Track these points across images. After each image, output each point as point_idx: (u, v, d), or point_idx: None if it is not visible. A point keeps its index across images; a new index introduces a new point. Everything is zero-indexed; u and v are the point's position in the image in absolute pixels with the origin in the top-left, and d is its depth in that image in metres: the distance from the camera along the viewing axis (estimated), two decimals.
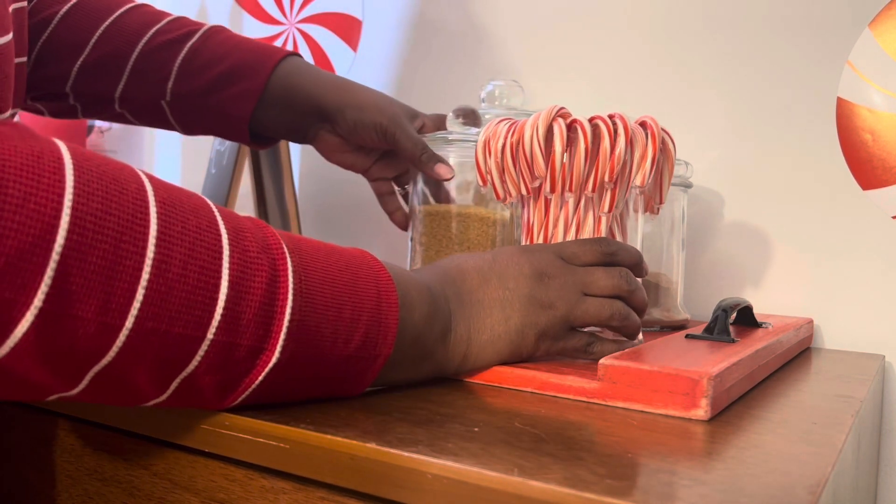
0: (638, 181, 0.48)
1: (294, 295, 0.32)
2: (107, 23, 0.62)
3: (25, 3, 0.42)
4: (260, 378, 0.32)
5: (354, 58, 1.02)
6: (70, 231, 0.25)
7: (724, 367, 0.38)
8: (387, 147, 0.64)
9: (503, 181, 0.52)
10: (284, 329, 0.31)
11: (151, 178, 0.30)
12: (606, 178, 0.48)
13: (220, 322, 0.29)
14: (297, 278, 0.32)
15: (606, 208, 0.49)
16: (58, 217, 0.25)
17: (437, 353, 0.39)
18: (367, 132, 0.62)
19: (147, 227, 0.28)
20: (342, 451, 0.30)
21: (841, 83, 0.69)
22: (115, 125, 1.03)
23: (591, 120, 0.49)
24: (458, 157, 0.64)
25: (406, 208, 0.70)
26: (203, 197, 0.32)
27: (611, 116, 0.48)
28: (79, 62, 0.62)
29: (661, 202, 0.53)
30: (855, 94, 0.69)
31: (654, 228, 0.65)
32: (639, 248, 0.53)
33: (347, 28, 1.03)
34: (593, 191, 0.49)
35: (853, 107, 0.69)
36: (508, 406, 0.37)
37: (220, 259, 0.30)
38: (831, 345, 0.69)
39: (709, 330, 0.49)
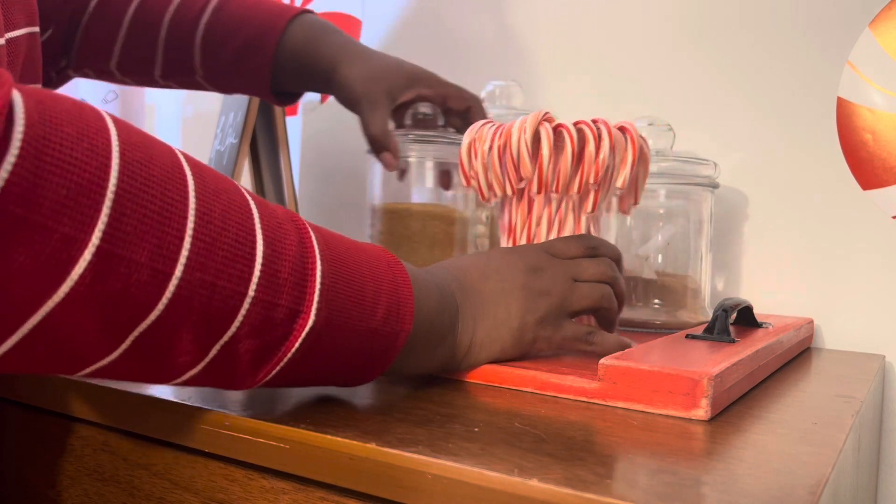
0: (619, 183, 0.51)
1: (321, 260, 0.32)
2: (135, 4, 0.67)
3: None
4: (297, 344, 0.31)
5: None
6: (121, 173, 0.26)
7: (725, 368, 0.38)
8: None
9: (488, 182, 0.54)
10: (317, 291, 0.32)
11: (187, 156, 0.31)
12: (591, 180, 0.50)
13: (259, 278, 0.30)
14: (321, 245, 0.33)
15: (590, 209, 0.52)
16: (109, 157, 0.26)
17: (448, 339, 0.40)
18: (347, 105, 0.66)
19: (185, 180, 0.28)
20: (342, 451, 0.30)
21: (841, 83, 0.69)
22: None
23: (576, 124, 0.51)
24: (416, 155, 0.66)
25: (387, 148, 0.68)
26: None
27: (594, 121, 0.51)
28: (117, 49, 0.67)
29: (635, 203, 0.56)
30: (855, 94, 0.69)
31: (681, 229, 0.65)
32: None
33: (347, 28, 1.03)
34: (578, 192, 0.51)
35: (853, 107, 0.69)
36: (508, 406, 0.37)
37: (253, 218, 0.30)
38: (831, 345, 0.69)
39: (709, 330, 0.49)
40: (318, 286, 0.32)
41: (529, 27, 0.88)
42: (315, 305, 0.31)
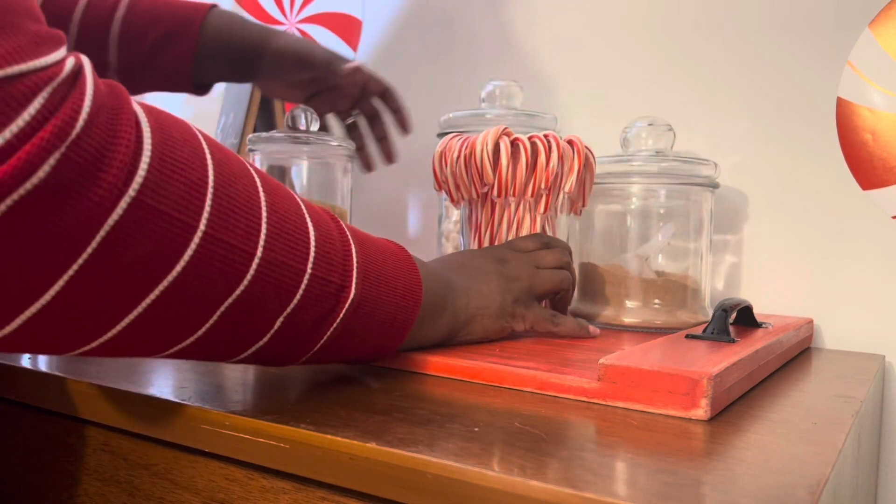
0: (567, 188, 0.60)
1: (355, 244, 0.37)
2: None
3: None
4: (342, 314, 0.36)
5: (354, 58, 1.02)
6: (215, 171, 0.30)
7: (724, 367, 0.38)
8: (305, 73, 0.70)
9: (457, 187, 0.61)
10: (356, 271, 0.37)
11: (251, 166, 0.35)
12: (543, 185, 0.59)
13: (315, 259, 0.34)
14: (350, 233, 0.38)
15: (542, 210, 0.60)
16: (205, 158, 0.30)
17: (448, 311, 0.47)
18: (285, 61, 0.69)
19: (253, 176, 0.33)
20: (342, 451, 0.30)
21: (841, 83, 0.69)
22: None
23: (530, 138, 0.59)
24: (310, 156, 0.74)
25: (353, 143, 0.78)
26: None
27: (546, 136, 0.59)
28: None
29: (583, 205, 0.64)
30: (855, 94, 0.69)
31: (681, 229, 0.65)
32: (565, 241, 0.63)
33: (347, 28, 1.03)
34: (532, 195, 0.60)
35: (853, 107, 0.69)
36: (508, 406, 0.37)
37: (302, 208, 0.35)
38: (831, 345, 0.69)
39: (709, 330, 0.49)
40: (356, 266, 0.37)
41: (529, 28, 0.88)
42: (355, 281, 0.37)
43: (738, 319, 0.57)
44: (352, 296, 0.36)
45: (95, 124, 0.25)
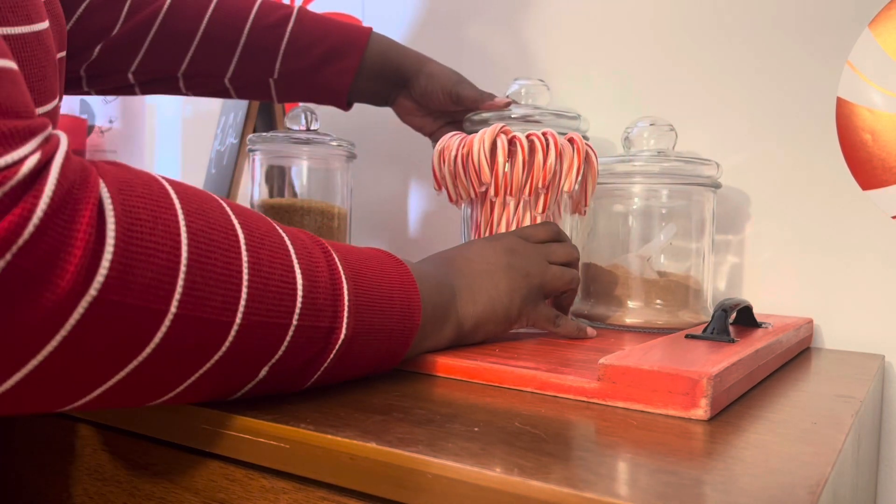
0: (566, 187, 0.58)
1: (346, 279, 0.37)
2: (210, 10, 0.71)
3: None
4: (332, 354, 0.36)
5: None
6: (189, 247, 0.29)
7: (724, 367, 0.38)
8: (452, 108, 0.72)
9: (455, 186, 0.61)
10: (346, 309, 0.36)
11: (216, 196, 0.34)
12: (540, 185, 0.58)
13: (301, 309, 0.33)
14: (343, 264, 0.37)
15: (540, 209, 0.59)
16: (179, 235, 0.29)
17: (452, 316, 0.46)
18: (436, 93, 0.72)
19: (237, 236, 0.32)
20: (342, 451, 0.30)
21: (841, 83, 0.69)
22: (115, 125, 1.03)
23: (527, 136, 0.58)
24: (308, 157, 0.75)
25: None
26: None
27: (544, 134, 0.58)
28: (192, 48, 0.71)
29: (586, 205, 0.63)
30: (855, 94, 0.69)
31: (683, 229, 0.65)
32: None
33: None
34: (530, 195, 0.59)
35: (853, 107, 0.69)
36: (508, 406, 0.37)
37: (290, 256, 0.34)
38: (831, 345, 0.69)
39: (709, 330, 0.49)
40: (346, 305, 0.36)
41: (530, 29, 0.88)
42: (345, 321, 0.36)
43: (738, 319, 0.57)
44: (342, 336, 0.36)
45: (49, 228, 0.24)
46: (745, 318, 0.57)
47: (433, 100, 0.72)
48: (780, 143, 0.72)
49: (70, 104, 1.06)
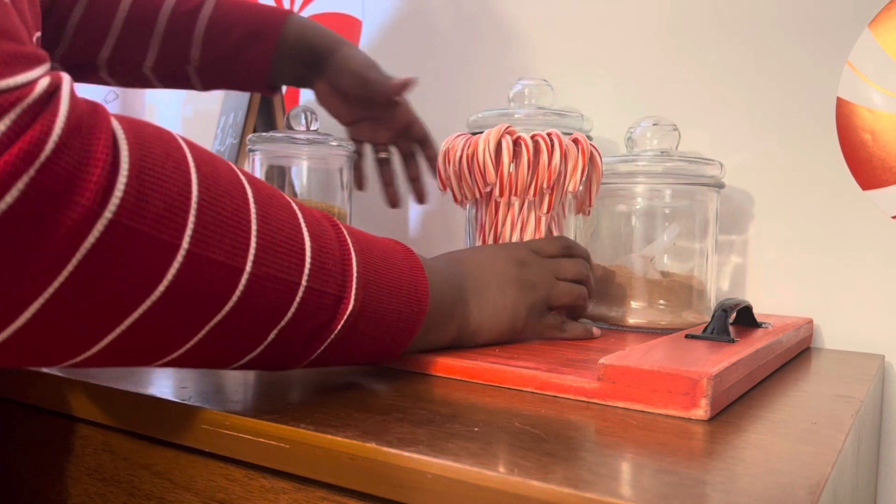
0: (570, 188, 0.59)
1: (355, 252, 0.36)
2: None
3: None
4: (340, 325, 0.35)
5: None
6: (199, 186, 0.29)
7: (724, 367, 0.38)
8: (361, 92, 0.72)
9: (461, 187, 0.61)
10: (355, 280, 0.36)
11: (245, 174, 0.34)
12: (545, 185, 0.58)
13: (310, 271, 0.33)
14: (352, 239, 0.37)
15: (545, 210, 0.59)
16: (189, 173, 0.29)
17: (457, 318, 0.46)
18: (345, 75, 0.71)
19: (245, 188, 0.32)
20: (342, 451, 0.30)
21: (841, 83, 0.69)
22: None
23: (532, 137, 0.58)
24: (308, 156, 0.75)
25: (383, 177, 0.81)
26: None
27: (549, 134, 0.58)
28: (112, 34, 0.70)
29: (590, 205, 0.63)
30: (855, 94, 0.69)
31: (686, 230, 0.65)
32: None
33: (347, 28, 1.03)
34: (534, 195, 0.59)
35: (853, 107, 0.69)
36: (508, 406, 0.37)
37: (298, 218, 0.34)
38: (831, 345, 0.69)
39: (709, 330, 0.49)
40: (355, 275, 0.36)
41: (532, 29, 0.88)
42: (354, 292, 0.36)
43: (738, 319, 0.57)
44: (350, 307, 0.35)
45: (68, 146, 0.25)
46: (745, 318, 0.57)
47: (343, 81, 0.72)
48: (780, 143, 0.72)
49: None
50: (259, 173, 0.75)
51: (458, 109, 0.92)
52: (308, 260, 0.33)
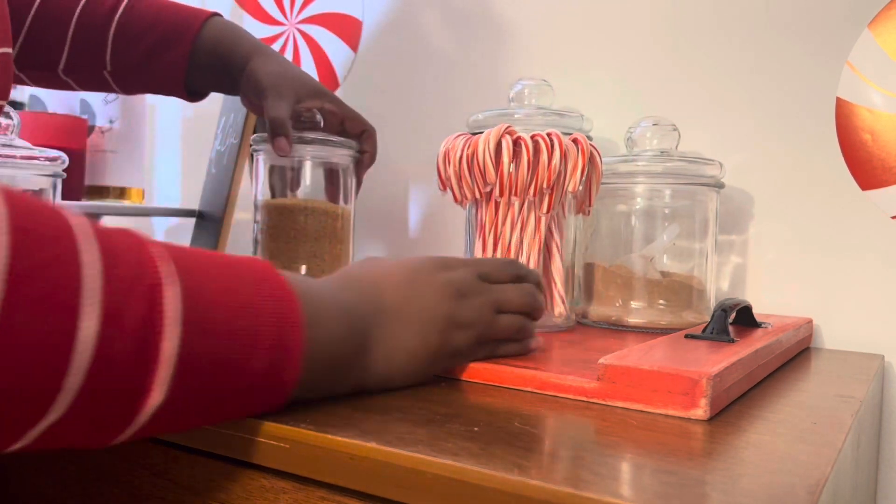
0: (570, 188, 0.58)
1: (177, 324, 0.28)
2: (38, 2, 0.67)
3: None
4: (140, 421, 0.28)
5: (354, 58, 1.02)
6: None
7: (724, 367, 0.38)
8: (260, 108, 0.68)
9: (461, 187, 0.61)
10: (165, 366, 0.28)
11: (9, 197, 0.25)
12: (544, 185, 0.58)
13: (88, 366, 0.25)
14: (178, 306, 0.28)
15: (545, 210, 0.59)
16: None
17: (355, 370, 0.37)
18: (249, 95, 0.68)
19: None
20: (342, 451, 0.30)
21: (840, 83, 0.69)
22: (115, 125, 1.03)
23: (532, 137, 0.58)
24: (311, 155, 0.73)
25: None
26: (66, 213, 0.27)
27: (549, 134, 0.58)
28: (21, 37, 0.67)
29: (590, 205, 0.62)
30: (854, 94, 0.69)
31: (686, 229, 0.65)
32: (570, 243, 0.64)
33: (348, 28, 1.03)
34: (534, 195, 0.59)
35: (852, 107, 0.69)
36: (508, 406, 0.37)
37: (79, 294, 0.25)
38: (831, 345, 0.69)
39: (708, 330, 0.49)
40: (165, 360, 0.28)
41: (531, 29, 0.88)
42: (161, 383, 0.28)
43: (737, 319, 0.57)
44: (157, 401, 0.28)
45: None
46: (744, 318, 0.57)
47: (252, 99, 0.68)
48: (780, 143, 0.72)
49: (70, 104, 1.06)
50: (262, 174, 0.75)
51: (458, 109, 0.92)
52: (84, 353, 0.25)
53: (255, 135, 0.74)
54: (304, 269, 0.71)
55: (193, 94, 0.73)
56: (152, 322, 0.27)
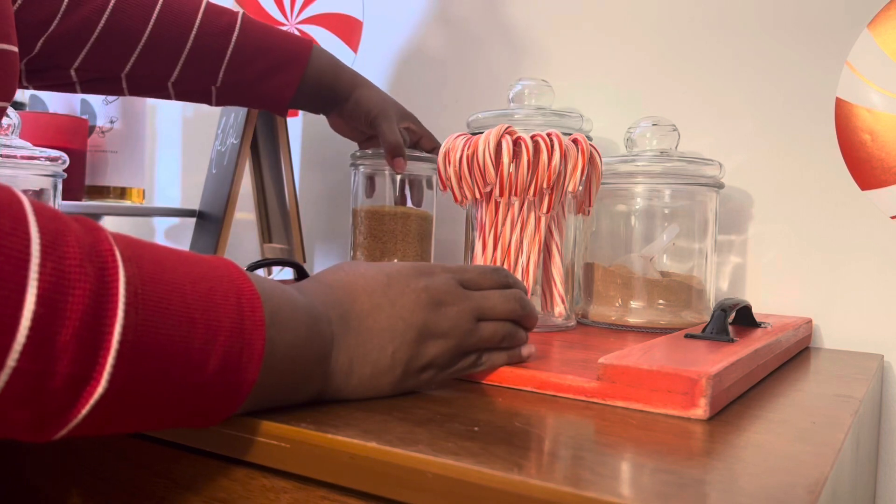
0: (570, 188, 0.59)
1: (127, 311, 0.27)
2: (157, 11, 0.71)
3: None
4: (84, 412, 0.27)
5: (354, 59, 1.02)
6: None
7: (723, 367, 0.38)
8: (371, 132, 0.78)
9: (461, 187, 0.61)
10: (113, 353, 0.27)
11: None
12: (544, 185, 0.58)
13: (24, 346, 0.25)
14: (131, 290, 0.27)
15: (545, 210, 0.59)
16: None
17: (316, 378, 0.36)
18: (360, 120, 0.78)
19: None
20: (343, 451, 0.30)
21: (840, 84, 0.69)
22: (116, 125, 1.03)
23: (532, 137, 0.58)
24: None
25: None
26: (17, 191, 0.27)
27: (549, 134, 0.58)
28: (138, 49, 0.71)
29: (590, 205, 0.62)
30: (854, 94, 0.69)
31: (685, 230, 0.65)
32: (570, 243, 0.64)
33: (348, 29, 1.03)
34: (534, 195, 0.59)
35: (852, 107, 0.69)
36: (508, 406, 0.37)
37: (25, 269, 0.25)
38: (830, 344, 0.69)
39: (708, 330, 0.49)
40: (114, 347, 0.27)
41: (531, 29, 0.88)
42: (108, 370, 0.27)
43: (737, 319, 0.57)
44: (101, 390, 0.27)
45: None
46: (744, 318, 0.57)
47: (357, 123, 0.79)
48: (780, 143, 0.72)
49: (70, 104, 1.06)
50: (361, 184, 0.80)
51: (458, 109, 0.92)
52: (23, 331, 0.25)
53: (356, 151, 0.80)
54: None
55: (286, 111, 0.80)
56: (100, 305, 0.26)
